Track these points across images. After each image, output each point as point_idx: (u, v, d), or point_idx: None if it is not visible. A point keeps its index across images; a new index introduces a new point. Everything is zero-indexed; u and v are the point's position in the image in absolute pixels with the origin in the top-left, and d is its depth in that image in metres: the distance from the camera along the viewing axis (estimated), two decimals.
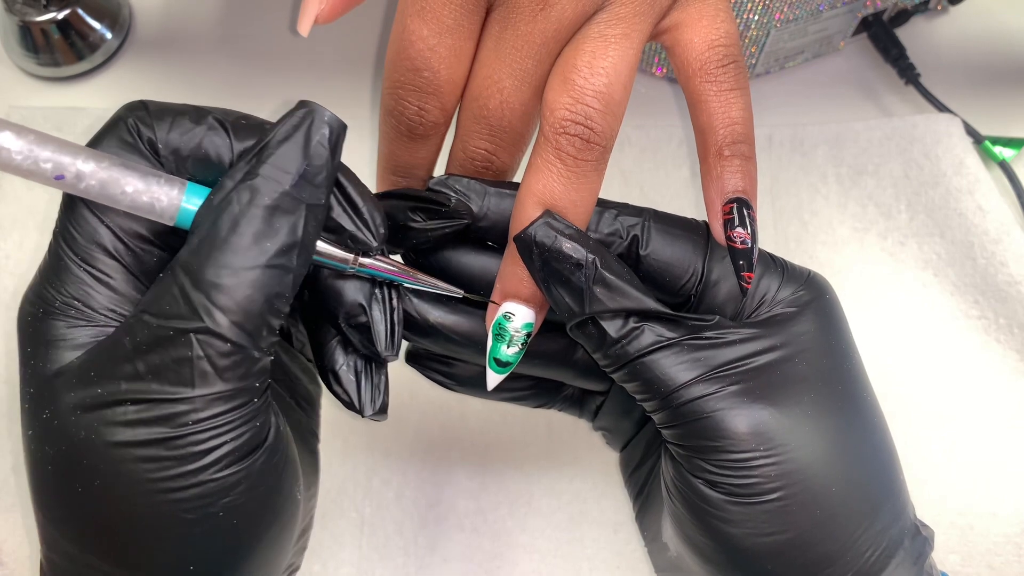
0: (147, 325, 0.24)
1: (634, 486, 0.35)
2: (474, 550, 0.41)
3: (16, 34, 0.48)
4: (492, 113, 0.29)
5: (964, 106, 0.50)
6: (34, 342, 0.26)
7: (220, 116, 0.27)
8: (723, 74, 0.28)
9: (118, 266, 0.26)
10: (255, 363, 0.25)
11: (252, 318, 0.25)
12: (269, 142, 0.26)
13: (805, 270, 0.30)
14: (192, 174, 0.27)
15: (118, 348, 0.25)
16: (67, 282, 0.26)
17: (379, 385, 0.29)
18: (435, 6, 0.28)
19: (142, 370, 0.24)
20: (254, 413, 0.25)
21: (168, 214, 0.25)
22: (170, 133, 0.26)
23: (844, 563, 0.27)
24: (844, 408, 0.28)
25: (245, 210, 0.25)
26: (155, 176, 0.25)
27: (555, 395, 0.35)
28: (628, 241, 0.29)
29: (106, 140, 0.26)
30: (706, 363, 0.27)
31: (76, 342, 0.25)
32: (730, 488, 0.27)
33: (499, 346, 0.29)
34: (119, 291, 0.26)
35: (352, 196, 0.27)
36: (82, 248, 0.26)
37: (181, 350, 0.24)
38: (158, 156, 0.26)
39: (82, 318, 0.26)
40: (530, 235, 0.27)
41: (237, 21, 0.52)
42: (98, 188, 0.24)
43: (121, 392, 0.24)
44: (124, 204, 0.25)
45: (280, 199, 0.25)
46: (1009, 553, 0.40)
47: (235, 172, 0.26)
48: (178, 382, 0.24)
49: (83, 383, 0.25)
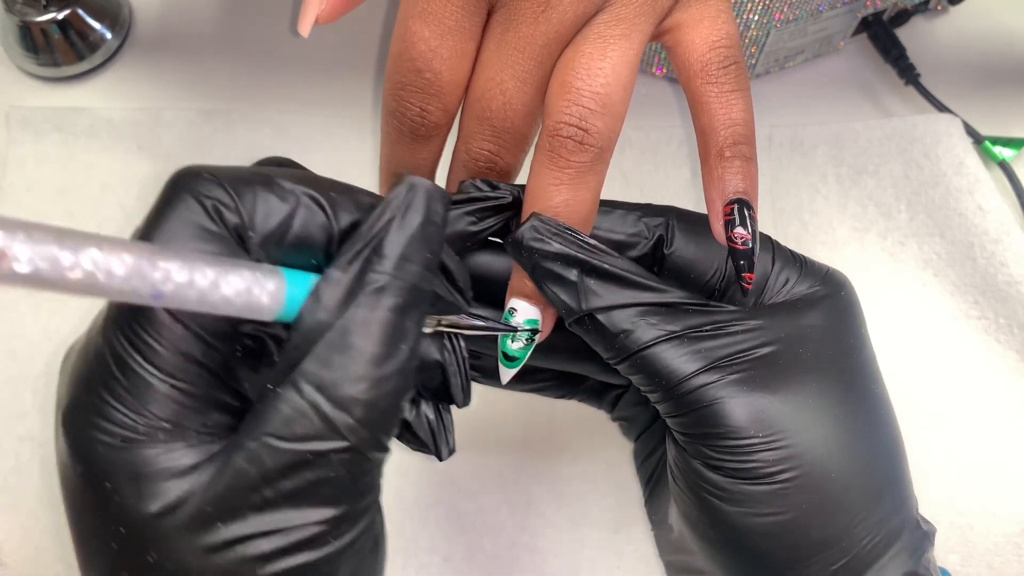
0: (277, 451, 0.22)
1: (645, 473, 0.36)
2: (474, 551, 0.41)
3: (16, 34, 0.48)
4: (495, 114, 0.29)
5: (964, 106, 0.50)
6: (114, 476, 0.22)
7: (310, 190, 0.24)
8: (724, 75, 0.28)
9: (206, 374, 0.23)
10: (381, 465, 0.24)
11: (390, 425, 0.24)
12: (386, 231, 0.23)
13: (824, 267, 0.31)
14: (281, 259, 0.24)
15: (242, 478, 0.22)
16: (151, 402, 0.22)
17: (449, 427, 0.28)
18: (437, 8, 0.28)
19: (273, 497, 0.22)
20: (376, 512, 0.25)
21: (270, 312, 0.22)
22: (258, 216, 0.23)
23: (840, 548, 0.27)
24: (848, 399, 0.28)
25: (377, 314, 0.23)
26: (251, 271, 0.22)
27: (576, 387, 0.36)
28: (653, 241, 0.29)
29: (179, 226, 0.22)
30: (708, 355, 0.27)
31: (174, 470, 0.22)
32: (730, 471, 0.27)
33: (506, 340, 0.29)
34: (210, 400, 0.23)
35: (443, 260, 0.25)
36: (168, 362, 0.22)
37: (320, 472, 0.22)
38: (244, 243, 0.23)
39: (173, 439, 0.22)
40: (518, 238, 0.27)
41: (237, 21, 0.52)
42: (196, 298, 0.20)
43: (253, 526, 0.22)
44: (221, 309, 0.21)
45: (408, 295, 0.23)
46: (1009, 553, 0.40)
47: (346, 262, 0.23)
48: (318, 504, 0.22)
49: (202, 521, 0.22)
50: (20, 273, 0.17)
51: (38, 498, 0.41)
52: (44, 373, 0.43)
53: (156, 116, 0.48)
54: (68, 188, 0.46)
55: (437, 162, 0.32)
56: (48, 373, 0.43)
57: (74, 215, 0.46)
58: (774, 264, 0.30)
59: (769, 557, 0.27)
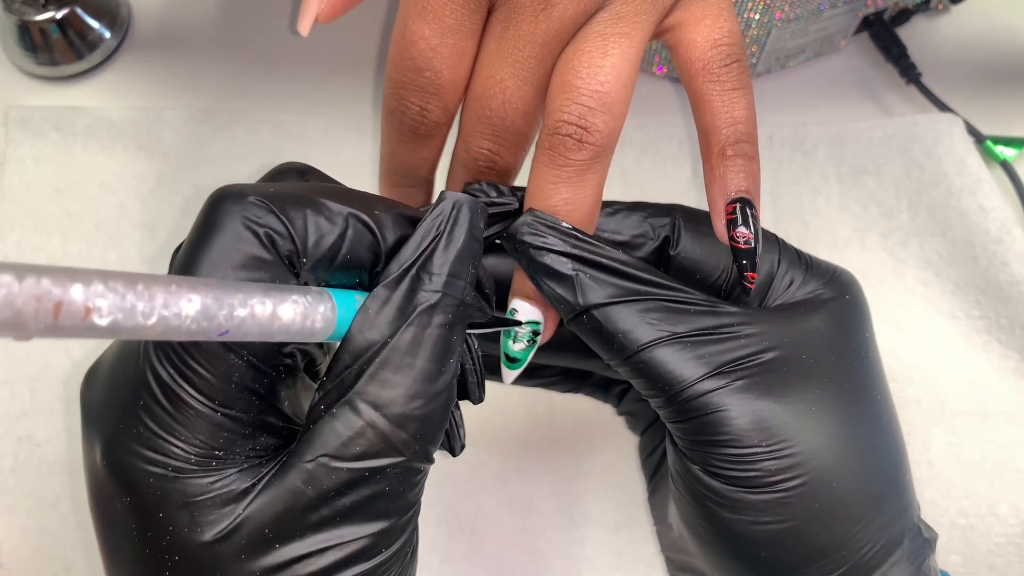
0: (335, 471, 0.22)
1: (649, 468, 0.36)
2: (474, 551, 0.41)
3: (15, 33, 0.48)
4: (495, 113, 0.29)
5: (965, 106, 0.49)
6: (166, 507, 0.22)
7: (357, 211, 0.24)
8: (726, 73, 0.28)
9: (255, 399, 0.23)
10: (427, 474, 0.24)
11: (439, 437, 0.24)
12: (433, 247, 0.24)
13: (832, 267, 0.31)
14: (327, 279, 0.24)
15: (298, 499, 0.22)
16: (203, 432, 0.22)
17: (460, 423, 0.28)
18: (437, 6, 0.28)
19: (329, 515, 0.22)
20: (416, 520, 0.25)
21: (323, 334, 0.22)
22: (310, 242, 0.23)
23: (840, 556, 0.27)
24: (851, 406, 0.28)
25: (430, 332, 0.23)
26: (302, 295, 0.21)
27: (583, 381, 0.36)
28: (659, 242, 0.29)
29: (230, 252, 0.22)
30: (712, 360, 0.27)
31: (228, 496, 0.22)
32: (731, 479, 0.27)
33: (507, 341, 0.29)
34: (258, 424, 0.23)
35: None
36: (220, 391, 0.22)
37: (376, 487, 0.22)
38: (294, 268, 0.23)
39: (225, 466, 0.22)
40: (512, 232, 0.27)
41: (237, 21, 0.52)
42: (257, 331, 0.20)
43: (310, 545, 0.22)
44: (278, 336, 0.21)
45: (456, 312, 0.24)
46: (1010, 554, 0.40)
47: (395, 281, 0.23)
48: (372, 518, 0.23)
49: (259, 544, 0.22)
50: (100, 326, 0.16)
51: (37, 498, 0.41)
52: (43, 373, 0.43)
53: (155, 115, 0.48)
54: (67, 187, 0.46)
55: (437, 161, 0.32)
56: (47, 373, 0.43)
57: (73, 214, 0.46)
58: (779, 264, 0.30)
59: (769, 564, 0.27)
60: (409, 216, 0.25)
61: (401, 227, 0.25)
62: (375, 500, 0.23)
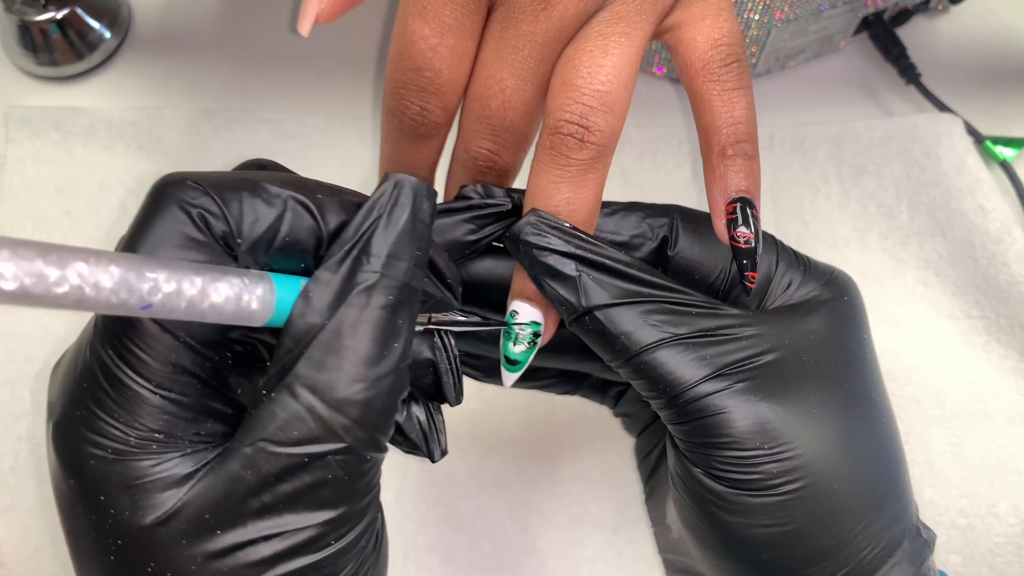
0: (273, 456, 0.22)
1: (645, 470, 0.35)
2: (474, 551, 0.41)
3: (15, 33, 0.48)
4: (494, 113, 0.29)
5: (965, 106, 0.49)
6: (107, 489, 0.22)
7: (297, 194, 0.23)
8: (726, 73, 0.28)
9: (196, 383, 0.23)
10: (379, 464, 0.24)
11: (387, 425, 0.23)
12: (372, 228, 0.23)
13: (830, 269, 0.31)
14: (269, 264, 0.24)
15: (238, 484, 0.22)
16: (142, 414, 0.22)
17: (441, 427, 0.28)
18: (436, 6, 0.28)
19: (270, 502, 0.22)
20: (376, 511, 0.24)
21: (261, 317, 0.22)
22: (245, 223, 0.23)
23: (841, 558, 0.27)
24: (850, 407, 0.28)
25: (368, 313, 0.23)
26: (239, 277, 0.21)
27: (580, 383, 0.35)
28: (658, 243, 0.29)
29: (166, 234, 0.22)
30: (713, 361, 0.27)
31: (169, 480, 0.22)
32: (732, 481, 0.27)
33: (507, 344, 0.29)
34: (202, 409, 0.23)
35: (432, 257, 0.25)
36: (157, 372, 0.22)
37: (317, 474, 0.22)
38: (231, 250, 0.23)
39: (166, 450, 0.22)
40: (515, 232, 0.27)
41: (237, 21, 0.52)
42: (185, 308, 0.20)
43: (252, 532, 0.22)
44: (210, 317, 0.21)
45: (398, 293, 0.23)
46: (1010, 554, 0.40)
47: (335, 263, 0.23)
48: (316, 507, 0.22)
49: (200, 529, 0.22)
50: (6, 290, 0.17)
51: (37, 498, 0.41)
52: (42, 373, 0.43)
53: (155, 115, 0.48)
54: (67, 187, 0.46)
55: (437, 161, 0.32)
56: (46, 373, 0.43)
57: (72, 214, 0.46)
58: (778, 266, 0.30)
59: (770, 567, 0.27)
60: (355, 201, 0.24)
61: (347, 212, 0.24)
62: (318, 488, 0.22)
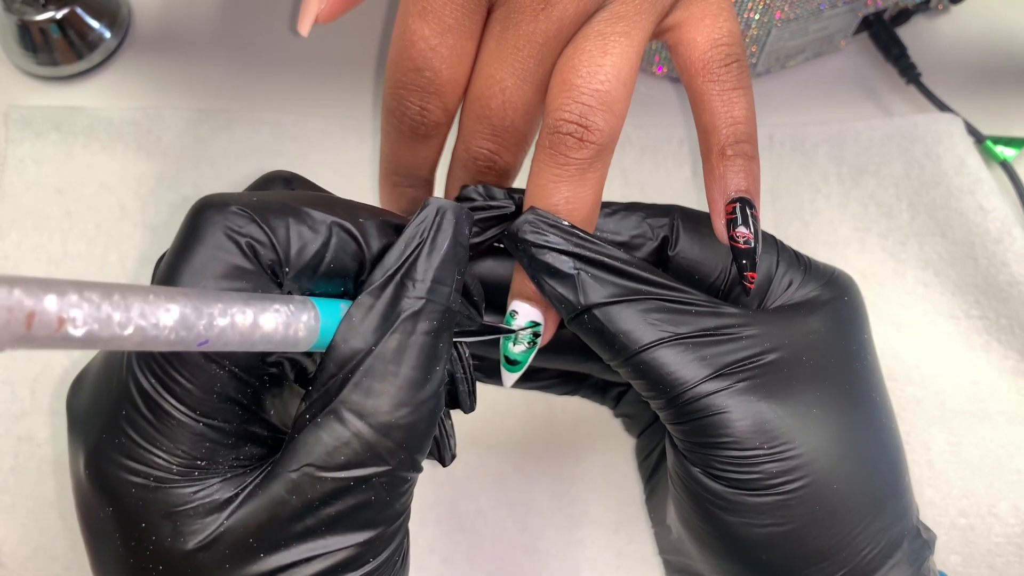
0: (319, 481, 0.22)
1: (646, 470, 0.35)
2: (474, 551, 0.41)
3: (15, 33, 0.48)
4: (494, 113, 0.29)
5: (965, 105, 0.49)
6: (149, 517, 0.22)
7: (341, 220, 0.23)
8: (726, 73, 0.28)
9: (238, 409, 0.23)
10: (415, 483, 0.24)
11: (427, 445, 0.24)
12: (416, 254, 0.23)
13: (830, 269, 0.31)
14: (310, 288, 0.24)
15: (282, 508, 0.22)
16: (185, 442, 0.22)
17: (451, 432, 0.28)
18: (436, 6, 0.28)
19: (314, 525, 0.22)
20: (407, 529, 0.25)
21: (306, 343, 0.22)
22: (293, 252, 0.23)
23: (840, 559, 0.27)
24: (850, 408, 0.28)
25: (415, 339, 0.23)
26: (285, 304, 0.21)
27: (580, 384, 0.36)
28: (658, 243, 0.29)
29: (212, 263, 0.22)
30: (713, 361, 0.27)
31: (211, 505, 0.22)
32: (732, 481, 0.27)
33: (507, 344, 0.29)
34: (242, 434, 0.23)
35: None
36: (201, 401, 0.22)
37: (361, 496, 0.22)
38: (276, 277, 0.23)
39: (207, 476, 0.22)
40: (514, 231, 0.27)
41: (237, 21, 0.52)
42: (237, 340, 0.20)
43: (295, 554, 0.22)
44: (259, 346, 0.21)
45: (441, 318, 0.24)
46: (1010, 554, 0.40)
47: (379, 288, 0.23)
48: (357, 528, 0.23)
49: (243, 552, 0.22)
50: (75, 337, 0.16)
51: (37, 498, 0.41)
52: (43, 373, 0.43)
53: (155, 115, 0.48)
54: (67, 187, 0.46)
55: (437, 161, 0.32)
56: (47, 373, 0.43)
57: (72, 214, 0.46)
58: (778, 266, 0.30)
59: (769, 567, 0.27)
60: (394, 224, 0.25)
61: (386, 235, 0.24)
62: (361, 509, 0.23)
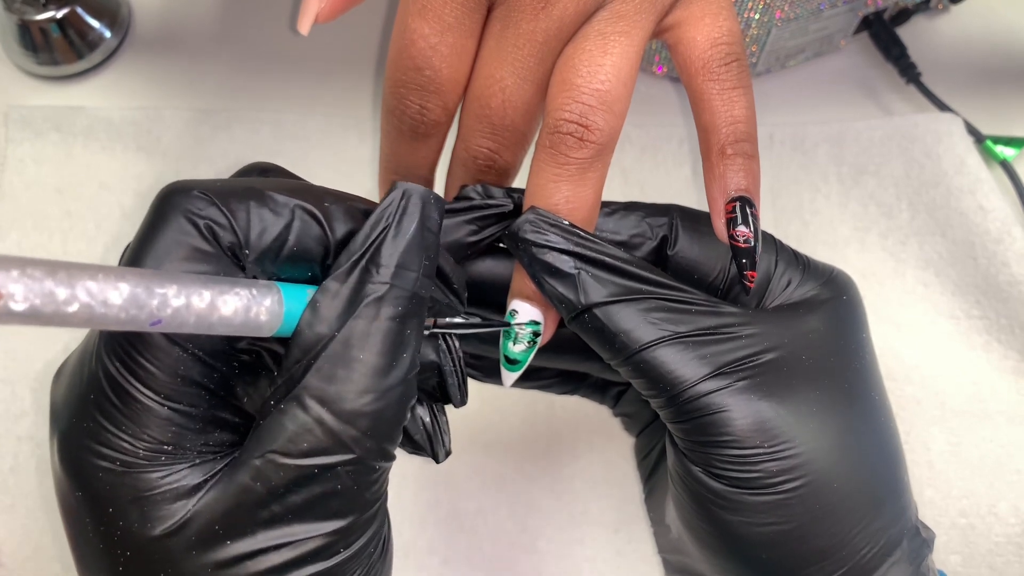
0: (283, 467, 0.22)
1: (645, 470, 0.35)
2: (474, 551, 0.41)
3: (15, 33, 0.48)
4: (494, 112, 0.29)
5: (965, 105, 0.49)
6: (116, 502, 0.22)
7: (304, 203, 0.23)
8: (726, 72, 0.28)
9: (204, 394, 0.23)
10: (387, 473, 0.24)
11: (396, 434, 0.23)
12: (381, 238, 0.23)
13: (829, 268, 0.31)
14: (276, 273, 0.23)
15: (247, 495, 0.22)
16: (150, 426, 0.22)
17: (445, 428, 0.27)
18: (436, 5, 0.28)
19: (280, 512, 0.22)
20: (383, 518, 0.24)
21: (269, 328, 0.22)
22: (253, 233, 0.23)
23: (840, 557, 0.27)
24: (850, 406, 0.28)
25: (378, 325, 0.23)
26: (246, 288, 0.21)
27: (580, 383, 0.35)
28: (657, 242, 0.29)
29: (173, 246, 0.22)
30: (713, 360, 0.27)
31: (178, 491, 0.22)
32: (732, 480, 0.27)
33: (507, 343, 0.29)
34: (210, 419, 0.23)
35: (439, 263, 0.25)
36: (166, 385, 0.22)
37: (327, 485, 0.22)
38: (239, 260, 0.23)
39: (175, 461, 0.22)
40: (514, 230, 0.27)
41: (237, 20, 0.52)
42: (194, 322, 0.20)
43: (261, 541, 0.22)
44: (219, 329, 0.21)
45: (407, 304, 0.23)
46: (1010, 554, 0.40)
47: (343, 273, 0.23)
48: (326, 516, 0.22)
49: (210, 539, 0.22)
50: (17, 311, 0.16)
51: (37, 498, 0.41)
52: (43, 373, 0.43)
53: (155, 115, 0.48)
54: (67, 187, 0.46)
55: (437, 160, 0.32)
56: (47, 373, 0.43)
57: (72, 214, 0.46)
58: (777, 265, 0.30)
59: (769, 565, 0.27)
60: (363, 209, 0.24)
61: (354, 220, 0.24)
62: (328, 498, 0.22)
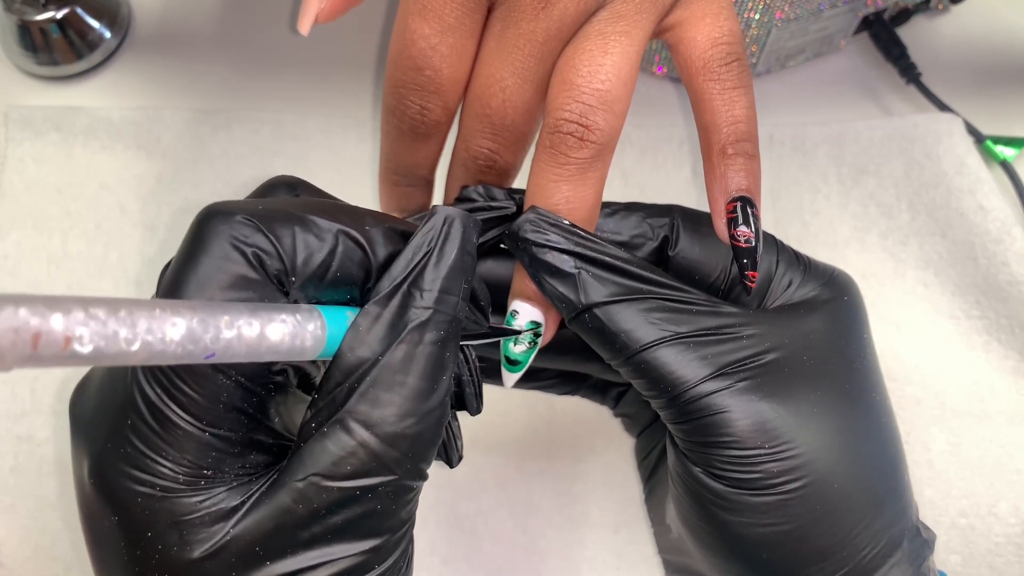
0: (326, 490, 0.22)
1: (646, 470, 0.35)
2: (474, 552, 0.41)
3: (15, 33, 0.48)
4: (495, 112, 0.29)
5: (965, 105, 0.49)
6: (155, 527, 0.22)
7: (347, 228, 0.23)
8: (726, 72, 0.28)
9: (244, 418, 0.23)
10: (420, 491, 0.24)
11: (432, 454, 0.24)
12: (424, 263, 0.23)
13: (830, 269, 0.31)
14: (316, 296, 0.24)
15: (289, 516, 0.22)
16: (191, 452, 0.22)
17: (458, 433, 0.28)
18: (436, 5, 0.28)
19: (320, 533, 0.22)
20: (411, 535, 0.25)
21: (312, 352, 0.22)
22: (298, 260, 0.23)
23: (840, 558, 0.27)
24: (851, 407, 0.28)
25: (421, 349, 0.23)
26: (291, 314, 0.21)
27: (580, 384, 0.36)
28: (658, 243, 0.29)
29: (218, 273, 0.22)
30: (714, 360, 0.27)
31: (217, 514, 0.22)
32: (733, 480, 0.27)
33: (508, 344, 0.29)
34: (247, 442, 0.23)
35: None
36: (207, 411, 0.22)
37: (367, 505, 0.22)
38: (282, 287, 0.23)
39: (213, 484, 0.22)
40: (515, 230, 0.27)
41: (237, 21, 0.52)
42: (244, 352, 0.20)
43: (300, 562, 0.22)
44: (266, 356, 0.20)
45: (448, 328, 0.23)
46: (1010, 554, 0.40)
47: (385, 297, 0.23)
48: (363, 536, 0.23)
49: (249, 560, 0.22)
50: (82, 354, 0.16)
51: (37, 498, 0.41)
52: (43, 373, 0.43)
53: (155, 115, 0.48)
54: (67, 187, 0.46)
55: (437, 160, 0.32)
56: (47, 373, 0.43)
57: (72, 214, 0.46)
58: (778, 266, 0.30)
59: (770, 566, 0.27)
60: (401, 231, 0.25)
61: (392, 242, 0.24)
62: (367, 518, 0.23)
